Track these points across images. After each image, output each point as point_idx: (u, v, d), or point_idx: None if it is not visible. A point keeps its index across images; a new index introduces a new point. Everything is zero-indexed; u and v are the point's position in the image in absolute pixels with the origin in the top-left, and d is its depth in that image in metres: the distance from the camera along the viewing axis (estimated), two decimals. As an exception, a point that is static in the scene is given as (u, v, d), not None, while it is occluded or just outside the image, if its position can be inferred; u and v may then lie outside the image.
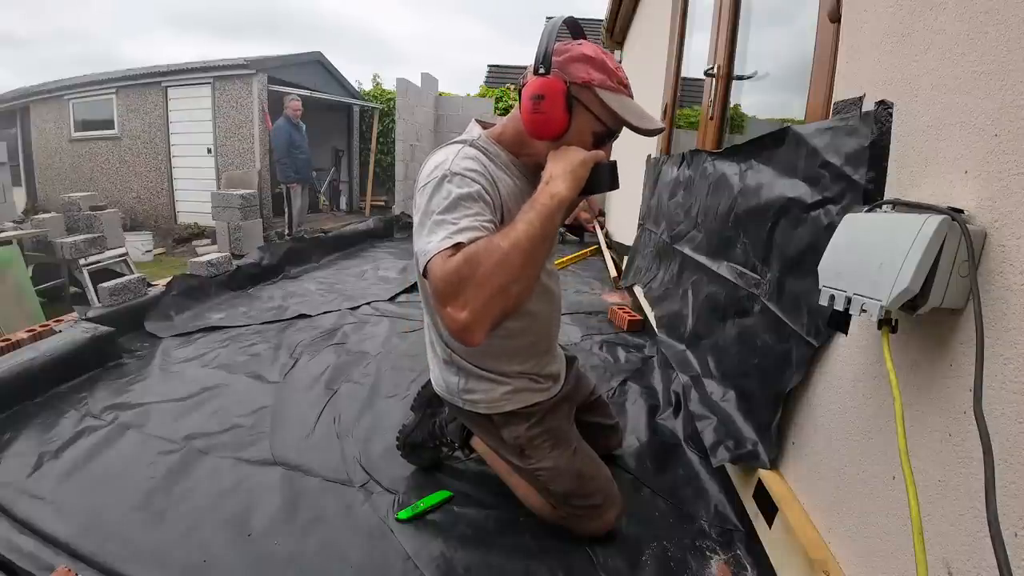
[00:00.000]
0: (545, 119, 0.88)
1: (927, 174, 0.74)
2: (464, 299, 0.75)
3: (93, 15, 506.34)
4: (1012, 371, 0.57)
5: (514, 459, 1.11)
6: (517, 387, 1.08)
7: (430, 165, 0.92)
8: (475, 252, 0.76)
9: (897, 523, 0.73)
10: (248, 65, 7.23)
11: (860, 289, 0.68)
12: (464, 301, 0.75)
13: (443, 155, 0.92)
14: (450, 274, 0.76)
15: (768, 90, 1.81)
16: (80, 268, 4.32)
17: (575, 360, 1.31)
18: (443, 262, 0.77)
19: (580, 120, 0.90)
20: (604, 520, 1.09)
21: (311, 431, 1.51)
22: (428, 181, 0.88)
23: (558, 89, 0.86)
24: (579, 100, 0.89)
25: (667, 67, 2.80)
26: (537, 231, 0.80)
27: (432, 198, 0.85)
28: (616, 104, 0.90)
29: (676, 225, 2.10)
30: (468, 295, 0.75)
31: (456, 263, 0.76)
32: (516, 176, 0.98)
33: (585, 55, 0.89)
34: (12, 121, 9.39)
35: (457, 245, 0.78)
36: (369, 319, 2.54)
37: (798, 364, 1.03)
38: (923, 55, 0.76)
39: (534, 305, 1.07)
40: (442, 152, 0.94)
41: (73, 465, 1.30)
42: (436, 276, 0.78)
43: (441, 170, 0.87)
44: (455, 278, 0.76)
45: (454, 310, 0.75)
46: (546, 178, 0.87)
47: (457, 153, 0.90)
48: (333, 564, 1.03)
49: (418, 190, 0.91)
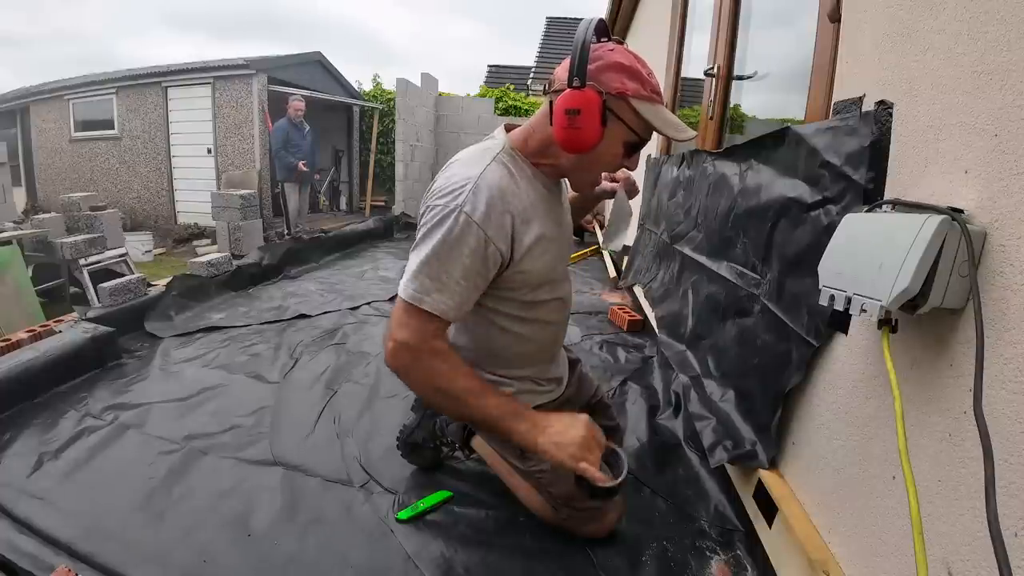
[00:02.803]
0: (580, 134, 0.85)
1: (927, 174, 0.74)
2: (401, 360, 0.89)
3: (89, 15, 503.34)
4: (1012, 371, 0.57)
5: (515, 460, 1.11)
6: (520, 389, 1.09)
7: (456, 178, 0.89)
8: (435, 363, 0.90)
9: (897, 523, 0.73)
10: (248, 65, 7.22)
11: (860, 289, 0.68)
12: (406, 368, 0.90)
13: (469, 171, 0.90)
14: (409, 339, 0.88)
15: (768, 90, 1.81)
16: (80, 268, 4.32)
17: (578, 362, 1.31)
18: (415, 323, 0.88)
19: (613, 131, 0.88)
20: (604, 523, 1.09)
21: (311, 431, 1.51)
22: (444, 203, 0.87)
23: (595, 103, 0.83)
24: (613, 111, 0.86)
25: (667, 67, 2.80)
26: (490, 422, 0.93)
27: (440, 225, 0.86)
28: (651, 115, 0.88)
29: (676, 225, 2.10)
30: (407, 366, 0.90)
31: (421, 345, 0.88)
32: (538, 187, 0.98)
33: (620, 64, 0.86)
34: (12, 121, 9.39)
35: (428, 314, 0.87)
36: (369, 319, 2.53)
37: (798, 364, 1.03)
38: (923, 55, 0.76)
39: (546, 315, 1.07)
40: (470, 164, 0.92)
41: (73, 465, 1.30)
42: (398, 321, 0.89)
43: (460, 198, 0.86)
44: (408, 346, 0.88)
45: (391, 350, 0.89)
46: (543, 432, 0.90)
47: (482, 175, 0.88)
48: (333, 564, 1.03)
49: (434, 196, 0.90)
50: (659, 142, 2.83)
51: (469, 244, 0.86)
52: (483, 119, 7.53)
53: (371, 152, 8.77)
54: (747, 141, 1.47)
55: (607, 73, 0.85)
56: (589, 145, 0.86)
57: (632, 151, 0.93)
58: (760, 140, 1.36)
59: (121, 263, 4.74)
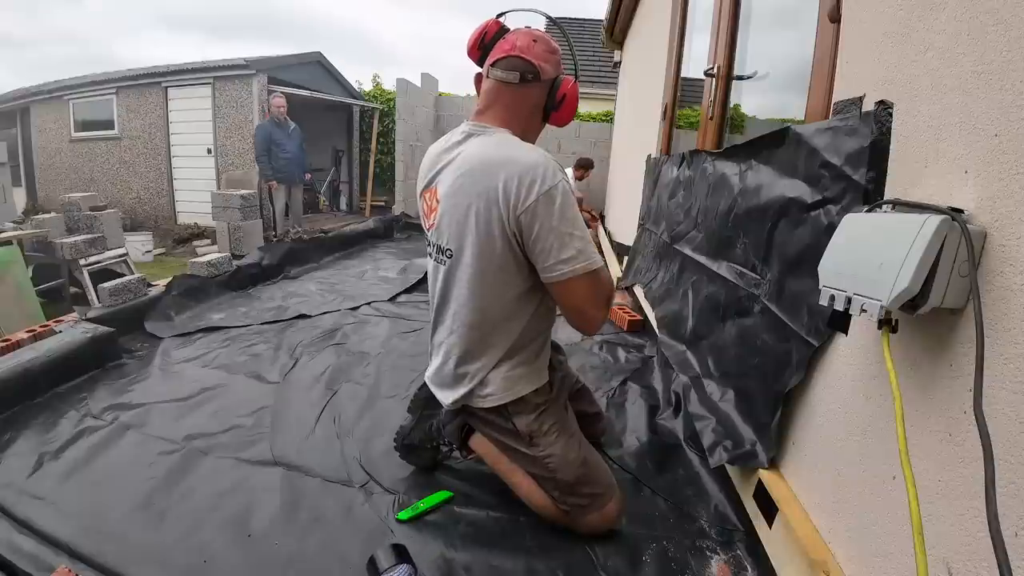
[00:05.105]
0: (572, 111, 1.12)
1: (927, 174, 0.74)
2: (607, 306, 1.05)
3: (87, 15, 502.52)
4: (1012, 371, 0.57)
5: (524, 448, 1.12)
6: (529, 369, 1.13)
7: (534, 167, 0.96)
8: (610, 280, 1.05)
9: (897, 523, 0.73)
10: (248, 65, 7.22)
11: (860, 289, 0.68)
12: (607, 307, 1.05)
13: (532, 156, 0.99)
14: (610, 289, 1.05)
15: (768, 90, 1.81)
16: (80, 268, 4.32)
17: (559, 347, 1.37)
18: (605, 279, 1.03)
19: None
20: (605, 512, 1.10)
21: (311, 431, 1.51)
22: (548, 184, 0.95)
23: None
24: None
25: (667, 67, 2.80)
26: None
27: (556, 201, 0.96)
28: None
29: (676, 225, 2.10)
30: (609, 304, 1.06)
31: (611, 284, 1.04)
32: None
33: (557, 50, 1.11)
34: (12, 121, 9.39)
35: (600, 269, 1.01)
36: (369, 319, 2.54)
37: (798, 364, 1.03)
38: (923, 55, 0.76)
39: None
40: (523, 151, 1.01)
41: (73, 465, 1.30)
42: (605, 286, 1.03)
43: (554, 175, 0.97)
44: (610, 293, 1.05)
45: (602, 311, 1.04)
46: None
47: (538, 151, 1.01)
48: (333, 564, 1.03)
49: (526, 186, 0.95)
50: (659, 141, 2.83)
51: (576, 206, 1.00)
52: (483, 119, 7.52)
53: (371, 152, 8.76)
54: (747, 141, 1.47)
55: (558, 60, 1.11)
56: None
57: None
58: (760, 140, 1.36)
59: (121, 263, 4.74)
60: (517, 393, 1.10)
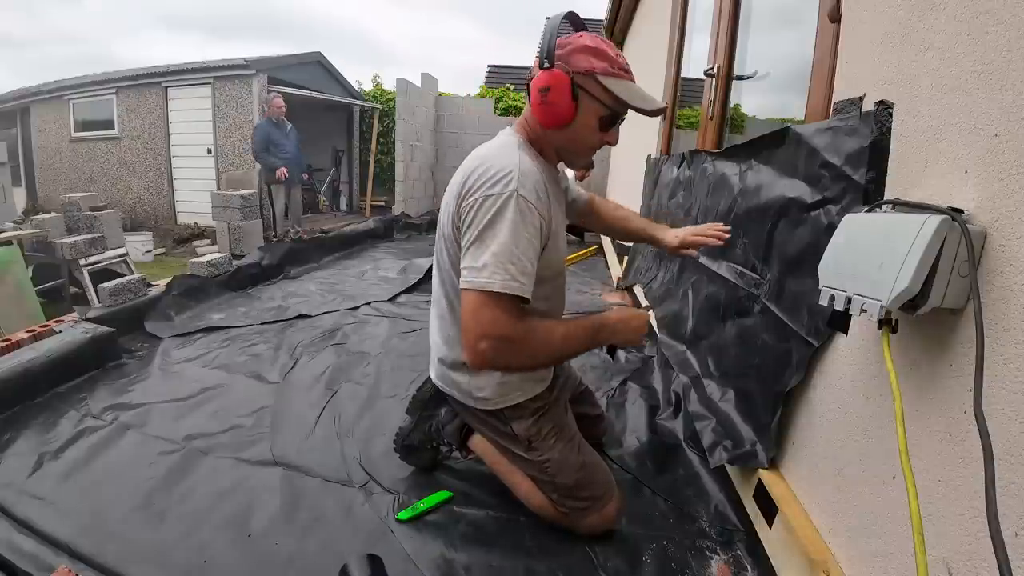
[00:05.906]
0: (554, 109, 0.93)
1: (927, 174, 0.74)
2: (502, 355, 0.88)
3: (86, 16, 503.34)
4: (1012, 371, 0.57)
5: (522, 452, 1.11)
6: (524, 377, 1.11)
7: (497, 169, 0.90)
8: (534, 335, 0.90)
9: (897, 523, 0.73)
10: (248, 65, 7.22)
11: (860, 289, 0.68)
12: (507, 362, 0.92)
13: (505, 161, 0.92)
14: (507, 331, 0.86)
15: (768, 90, 1.81)
16: (80, 268, 4.32)
17: None
18: (504, 315, 0.86)
19: (586, 107, 0.94)
20: (604, 514, 1.10)
21: (311, 431, 1.51)
22: (498, 191, 0.88)
23: (563, 80, 0.91)
24: (583, 88, 0.93)
25: (667, 67, 2.80)
26: (586, 345, 0.98)
27: (503, 212, 0.87)
28: (619, 89, 0.94)
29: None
30: (509, 357, 0.90)
31: (517, 331, 0.87)
32: (550, 173, 1.04)
33: (586, 46, 0.93)
34: (12, 121, 9.39)
35: (513, 298, 0.86)
36: (369, 319, 2.53)
37: (798, 364, 1.03)
38: (923, 55, 0.76)
39: (558, 303, 1.15)
40: (502, 156, 0.94)
41: (73, 465, 1.30)
42: (489, 321, 0.85)
43: (512, 184, 0.88)
44: (509, 337, 0.87)
45: (486, 351, 0.87)
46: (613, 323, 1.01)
47: (520, 161, 0.92)
48: (333, 564, 1.02)
49: (481, 188, 0.90)
50: (659, 142, 2.83)
51: (533, 224, 0.90)
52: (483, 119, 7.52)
53: (371, 152, 8.76)
54: (747, 141, 1.47)
55: (575, 55, 0.93)
56: (563, 118, 0.94)
57: (608, 126, 0.99)
58: (760, 140, 1.36)
59: (121, 263, 4.74)
60: (512, 400, 1.09)
